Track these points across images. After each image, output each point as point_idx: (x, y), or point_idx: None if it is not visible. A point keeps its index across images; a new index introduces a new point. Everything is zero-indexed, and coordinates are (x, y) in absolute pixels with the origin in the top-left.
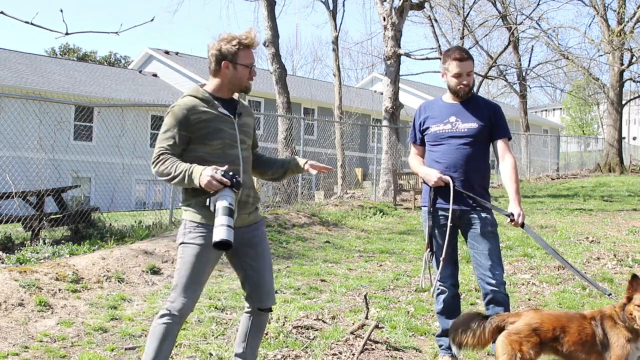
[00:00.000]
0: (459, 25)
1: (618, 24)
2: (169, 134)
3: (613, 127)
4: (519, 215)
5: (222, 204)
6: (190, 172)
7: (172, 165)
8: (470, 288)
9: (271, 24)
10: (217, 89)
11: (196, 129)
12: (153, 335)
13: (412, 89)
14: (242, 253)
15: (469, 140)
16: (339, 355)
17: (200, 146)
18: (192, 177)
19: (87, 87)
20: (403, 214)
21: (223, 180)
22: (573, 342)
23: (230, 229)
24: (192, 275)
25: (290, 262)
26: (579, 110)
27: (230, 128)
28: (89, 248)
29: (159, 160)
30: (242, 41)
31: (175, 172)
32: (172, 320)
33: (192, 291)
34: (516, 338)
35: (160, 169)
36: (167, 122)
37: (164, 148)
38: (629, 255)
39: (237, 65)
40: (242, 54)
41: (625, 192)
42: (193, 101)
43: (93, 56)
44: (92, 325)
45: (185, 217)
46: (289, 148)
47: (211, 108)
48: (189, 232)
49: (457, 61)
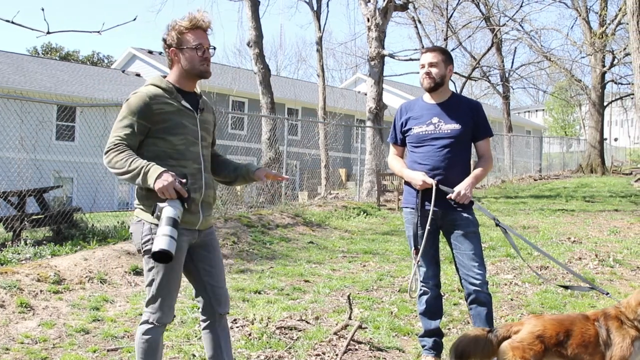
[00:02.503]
0: (443, 27)
1: (600, 26)
2: (126, 122)
3: (595, 128)
4: (459, 194)
5: (168, 213)
6: (147, 170)
7: (128, 159)
8: (453, 288)
9: (255, 24)
10: (177, 80)
11: (157, 121)
12: (142, 350)
13: (396, 90)
14: (199, 258)
15: (452, 141)
16: (322, 355)
17: (161, 141)
18: (147, 177)
19: (70, 87)
20: (387, 214)
21: (181, 191)
22: (577, 345)
23: (173, 240)
24: (170, 284)
25: (274, 262)
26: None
27: (192, 124)
28: (71, 249)
29: (114, 150)
30: (182, 24)
31: (129, 167)
32: (156, 331)
33: (171, 299)
34: (519, 345)
35: (114, 160)
36: (125, 109)
37: (119, 137)
38: (610, 255)
39: (184, 50)
40: (187, 37)
41: (606, 193)
42: (156, 90)
43: (76, 55)
44: (74, 327)
45: (149, 219)
46: (272, 148)
47: (174, 100)
48: None
49: (422, 53)
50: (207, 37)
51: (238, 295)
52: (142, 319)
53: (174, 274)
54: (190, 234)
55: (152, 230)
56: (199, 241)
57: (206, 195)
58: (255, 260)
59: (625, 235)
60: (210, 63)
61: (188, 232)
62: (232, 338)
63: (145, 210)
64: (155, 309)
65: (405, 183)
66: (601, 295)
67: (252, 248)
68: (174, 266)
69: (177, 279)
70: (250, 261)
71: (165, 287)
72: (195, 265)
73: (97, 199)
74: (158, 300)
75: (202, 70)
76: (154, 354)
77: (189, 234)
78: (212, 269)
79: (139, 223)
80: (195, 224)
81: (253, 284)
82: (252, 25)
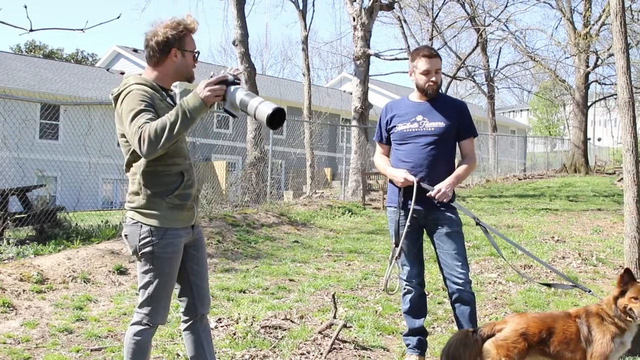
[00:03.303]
0: (428, 26)
1: (584, 26)
2: (143, 112)
3: (579, 128)
4: (438, 192)
5: (241, 94)
6: (185, 104)
7: (162, 119)
8: (437, 287)
9: (240, 23)
10: (160, 78)
11: (159, 116)
12: (132, 351)
13: (381, 89)
14: (188, 257)
15: (436, 139)
16: (307, 354)
17: None
18: (192, 105)
19: (54, 85)
20: (372, 213)
21: (220, 78)
22: (559, 342)
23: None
24: (167, 286)
25: (259, 261)
26: (545, 111)
27: None
28: (55, 248)
29: (145, 131)
30: (188, 26)
31: (172, 119)
32: (147, 333)
33: (168, 301)
34: (502, 344)
35: (154, 131)
36: (133, 103)
37: (144, 121)
38: (593, 254)
39: (185, 52)
40: (189, 40)
41: (590, 192)
42: (146, 88)
43: (60, 53)
44: (57, 327)
45: (147, 221)
46: (258, 147)
47: (162, 98)
48: (157, 240)
49: (426, 58)
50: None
51: (223, 294)
52: (135, 320)
53: (172, 276)
54: (186, 233)
55: (152, 232)
56: (191, 239)
57: (197, 190)
58: (240, 259)
59: (608, 235)
60: None
61: (185, 232)
62: (217, 337)
63: (145, 214)
64: (151, 310)
65: (389, 182)
66: (584, 294)
67: (237, 247)
68: (172, 268)
69: (174, 280)
70: (235, 260)
71: (163, 288)
72: (184, 264)
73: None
74: (154, 302)
75: (192, 75)
76: (143, 355)
77: (186, 232)
78: (199, 268)
79: (135, 225)
80: (191, 221)
81: (238, 283)
82: (237, 24)
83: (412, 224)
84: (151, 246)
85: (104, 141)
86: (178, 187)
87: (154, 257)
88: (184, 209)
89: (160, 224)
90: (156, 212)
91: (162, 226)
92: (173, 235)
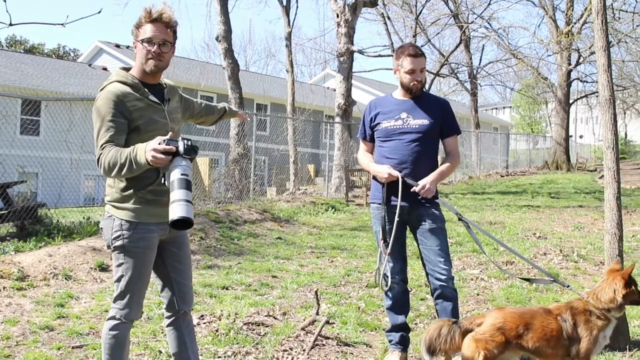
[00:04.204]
0: (412, 23)
1: (566, 24)
2: (107, 126)
3: (561, 125)
4: (423, 188)
5: (175, 176)
6: (134, 154)
7: (116, 154)
8: (420, 284)
9: (224, 19)
10: (140, 73)
11: (133, 118)
12: (109, 347)
13: (364, 86)
14: (167, 253)
15: (420, 136)
16: (290, 351)
17: (134, 139)
18: (139, 158)
19: (35, 80)
20: (355, 210)
21: (167, 149)
22: (538, 338)
23: (189, 204)
24: (139, 281)
25: (242, 258)
26: (528, 108)
27: (162, 117)
28: (35, 245)
29: (103, 155)
30: (141, 17)
31: (121, 160)
32: (123, 327)
33: (140, 296)
34: (481, 337)
35: (105, 163)
36: (98, 116)
37: (104, 142)
38: (574, 250)
39: (137, 43)
40: (142, 30)
41: (571, 189)
42: (123, 87)
43: (41, 49)
44: (38, 324)
45: (120, 215)
46: (241, 144)
47: (142, 95)
48: (128, 234)
49: (411, 57)
50: (165, 31)
51: (205, 291)
52: (110, 315)
53: (144, 271)
54: (160, 229)
55: (122, 226)
56: (169, 237)
57: None
58: (222, 256)
59: (589, 231)
60: (163, 59)
61: (159, 227)
62: (199, 334)
63: (117, 207)
64: (124, 305)
65: (372, 178)
66: (564, 290)
67: (219, 244)
68: (144, 262)
69: (147, 275)
70: (217, 257)
71: (134, 283)
72: (164, 261)
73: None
74: (127, 297)
75: (149, 66)
76: (120, 350)
77: (160, 229)
78: (180, 266)
79: (109, 219)
80: (166, 217)
81: (220, 279)
82: (220, 20)
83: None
84: (122, 240)
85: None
86: (152, 183)
87: (125, 251)
88: (157, 204)
89: (131, 217)
90: (128, 206)
91: (133, 220)
92: (145, 230)
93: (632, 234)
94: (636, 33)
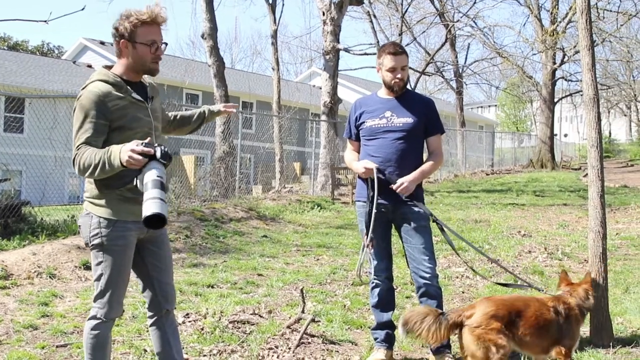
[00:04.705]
0: (398, 22)
1: (551, 23)
2: (86, 126)
3: (545, 124)
4: (400, 185)
5: (150, 177)
6: (108, 155)
7: (91, 155)
8: (406, 281)
9: (209, 16)
10: (125, 71)
11: (115, 118)
12: (90, 346)
13: (350, 84)
14: (147, 252)
15: (404, 134)
16: (275, 349)
17: (117, 137)
18: (112, 159)
19: (18, 78)
20: (340, 208)
21: (145, 151)
22: (529, 326)
23: (164, 202)
24: (119, 279)
25: (227, 256)
26: (513, 107)
27: (145, 115)
28: (19, 243)
29: (78, 155)
30: (140, 17)
31: (95, 161)
32: (104, 327)
33: (120, 294)
34: (480, 331)
35: (81, 163)
36: (79, 114)
37: (81, 142)
38: (558, 248)
39: (136, 44)
40: (141, 31)
41: (556, 188)
42: (105, 86)
43: (25, 45)
44: (22, 323)
45: (98, 212)
46: (226, 142)
47: (125, 94)
48: (106, 232)
49: (391, 55)
50: (161, 32)
51: (191, 289)
52: (91, 314)
53: (123, 269)
54: (138, 227)
55: (100, 224)
56: (148, 235)
57: None
58: (208, 254)
59: (573, 229)
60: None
61: (136, 226)
62: (185, 332)
63: (95, 204)
64: (104, 303)
65: (358, 176)
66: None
67: (205, 242)
68: (123, 260)
69: (126, 273)
70: (203, 255)
71: (113, 281)
72: (144, 260)
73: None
74: (106, 295)
75: (152, 68)
76: (102, 349)
77: (138, 227)
78: (160, 265)
79: (87, 216)
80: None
81: (206, 278)
82: (206, 17)
83: (380, 218)
84: (100, 238)
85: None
86: (131, 181)
87: (103, 249)
88: (136, 202)
89: (109, 215)
90: (105, 203)
91: (111, 218)
92: (122, 228)
93: (615, 232)
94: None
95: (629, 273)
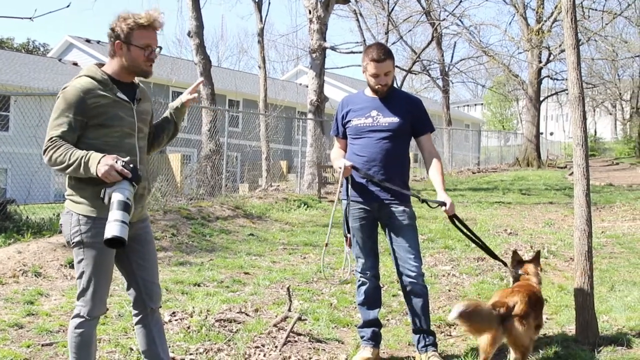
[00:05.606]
0: (384, 20)
1: (537, 22)
2: (61, 120)
3: (531, 122)
4: (451, 205)
5: (118, 197)
6: (86, 159)
7: (66, 152)
8: (392, 280)
9: (196, 14)
10: (115, 71)
11: (93, 115)
12: (75, 345)
13: (337, 82)
14: (131, 250)
15: (389, 134)
16: (262, 347)
17: (95, 134)
18: (89, 166)
19: (3, 75)
20: (327, 206)
21: (124, 172)
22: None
23: (125, 225)
24: (101, 277)
25: (214, 255)
26: (499, 105)
27: (129, 115)
28: (4, 241)
29: (52, 148)
30: (137, 20)
31: (69, 160)
32: (88, 325)
33: (103, 292)
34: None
35: (53, 157)
36: (59, 105)
37: (56, 135)
38: (544, 246)
39: (131, 46)
40: (137, 34)
41: (542, 186)
42: (90, 83)
43: (10, 43)
44: (7, 321)
45: (77, 210)
46: (213, 140)
47: (109, 92)
48: (86, 229)
49: (374, 62)
50: (156, 37)
51: (177, 287)
52: (74, 313)
53: (105, 267)
54: None
55: (80, 221)
56: (132, 234)
57: (140, 187)
58: (194, 252)
59: (559, 227)
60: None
61: None
62: (171, 331)
63: (75, 202)
64: (86, 301)
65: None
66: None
67: (191, 240)
68: (105, 258)
69: (108, 271)
70: (189, 253)
71: (95, 279)
72: (128, 258)
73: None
74: (88, 293)
75: (145, 71)
76: (87, 347)
77: None
78: (144, 263)
79: (68, 214)
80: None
81: (192, 276)
82: (192, 15)
83: (366, 217)
84: (80, 235)
85: None
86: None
87: (84, 247)
88: None
89: (88, 212)
90: (84, 201)
91: (90, 215)
92: (102, 225)
93: (601, 231)
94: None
95: (614, 271)
